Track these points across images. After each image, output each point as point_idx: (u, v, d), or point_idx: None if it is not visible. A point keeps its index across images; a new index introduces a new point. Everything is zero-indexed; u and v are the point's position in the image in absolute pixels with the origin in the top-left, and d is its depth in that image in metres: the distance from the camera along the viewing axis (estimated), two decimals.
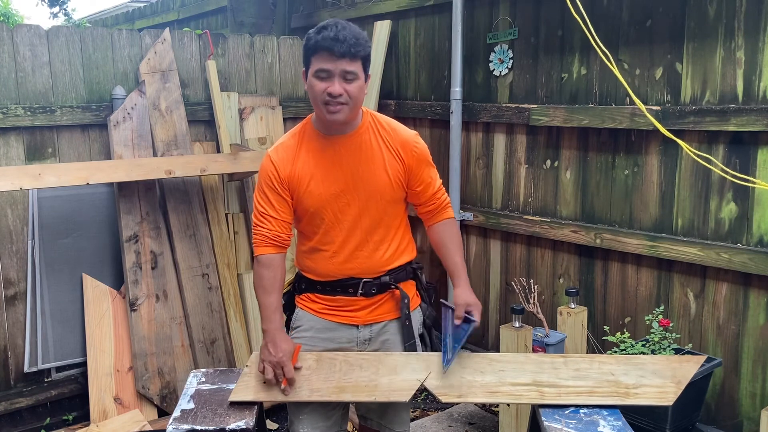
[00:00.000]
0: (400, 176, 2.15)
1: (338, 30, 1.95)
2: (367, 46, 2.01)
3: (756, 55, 2.67)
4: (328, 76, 1.97)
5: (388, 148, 2.14)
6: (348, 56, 1.94)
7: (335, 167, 2.10)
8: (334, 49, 1.93)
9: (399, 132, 2.17)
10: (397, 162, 2.14)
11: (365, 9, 4.35)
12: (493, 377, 2.14)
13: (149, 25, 7.12)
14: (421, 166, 2.18)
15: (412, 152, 2.15)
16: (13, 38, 3.22)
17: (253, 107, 3.91)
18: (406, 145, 2.15)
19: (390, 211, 2.17)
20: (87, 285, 3.38)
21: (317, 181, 2.10)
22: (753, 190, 2.73)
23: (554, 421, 2.00)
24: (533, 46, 3.47)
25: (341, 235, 2.14)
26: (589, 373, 2.15)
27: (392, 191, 2.14)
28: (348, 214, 2.12)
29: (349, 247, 2.15)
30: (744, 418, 2.86)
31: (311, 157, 2.11)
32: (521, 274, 3.66)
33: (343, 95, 1.97)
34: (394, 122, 2.22)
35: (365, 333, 2.21)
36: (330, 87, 1.96)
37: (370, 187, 2.11)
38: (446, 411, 3.53)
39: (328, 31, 1.95)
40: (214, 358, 3.55)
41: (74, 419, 3.45)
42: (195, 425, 2.01)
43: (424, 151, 2.20)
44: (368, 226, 2.14)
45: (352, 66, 1.96)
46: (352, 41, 1.94)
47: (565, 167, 3.41)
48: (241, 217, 3.79)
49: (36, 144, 3.32)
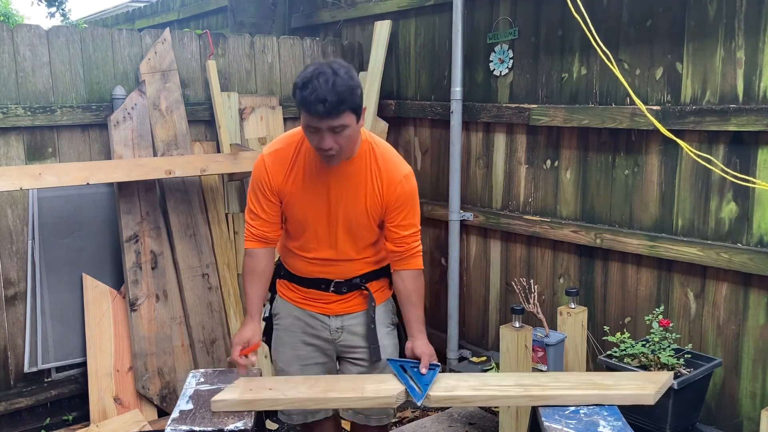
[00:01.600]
0: (377, 211, 2.23)
1: (319, 88, 1.91)
2: (352, 98, 1.96)
3: (756, 55, 2.67)
4: (317, 131, 2.00)
5: (374, 182, 2.19)
6: (332, 116, 1.94)
7: (322, 189, 2.20)
8: (317, 111, 1.93)
9: (389, 169, 2.21)
10: (377, 197, 2.20)
11: (365, 9, 4.35)
12: (477, 381, 2.25)
13: (149, 25, 7.12)
14: (399, 206, 2.22)
15: (394, 192, 2.20)
16: (13, 38, 3.22)
17: (254, 107, 3.91)
18: (391, 184, 2.20)
19: (365, 235, 2.28)
20: (87, 285, 3.38)
21: (303, 199, 2.22)
22: (753, 190, 2.73)
23: (554, 422, 2.00)
24: (533, 45, 3.47)
25: (319, 247, 2.28)
26: (569, 378, 2.26)
27: (367, 221, 2.24)
28: (326, 232, 2.25)
29: (325, 257, 2.29)
30: (744, 418, 2.86)
31: (302, 174, 2.20)
32: (521, 274, 3.66)
33: (333, 147, 2.02)
34: (391, 156, 2.24)
35: (336, 322, 2.37)
36: (320, 142, 2.01)
37: (349, 216, 2.22)
38: (446, 411, 3.53)
39: (309, 90, 1.92)
40: (214, 358, 3.55)
41: (74, 419, 3.45)
42: (193, 426, 2.01)
43: (407, 194, 2.23)
44: (344, 244, 2.27)
45: (338, 121, 1.96)
46: (333, 100, 1.91)
47: (565, 167, 3.41)
48: (241, 217, 3.79)
49: (36, 144, 3.32)
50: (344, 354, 2.41)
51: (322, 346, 2.40)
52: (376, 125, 4.23)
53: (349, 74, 1.97)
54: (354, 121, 2.02)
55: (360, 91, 2.02)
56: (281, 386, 2.20)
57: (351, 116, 1.99)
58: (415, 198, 2.27)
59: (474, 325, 4.00)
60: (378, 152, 2.21)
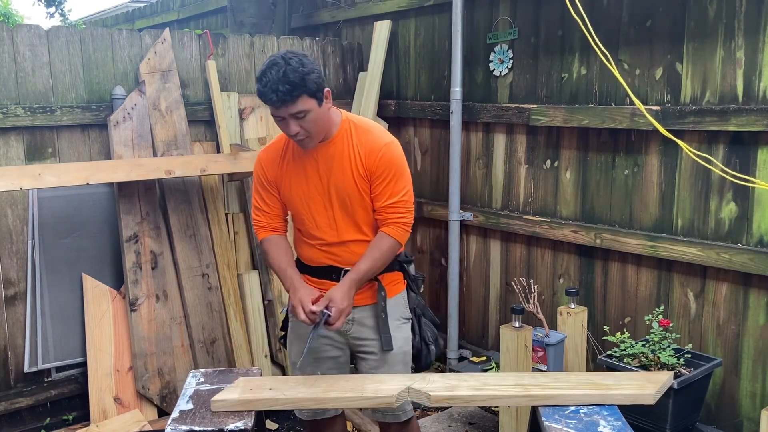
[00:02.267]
0: (365, 182, 2.25)
1: (271, 79, 2.04)
2: (304, 83, 2.05)
3: (756, 55, 2.67)
4: (281, 119, 2.13)
5: (356, 154, 2.24)
6: (287, 103, 2.06)
7: (312, 173, 2.28)
8: (272, 101, 2.07)
9: (369, 140, 2.24)
10: (361, 167, 2.24)
11: (365, 9, 4.35)
12: (477, 381, 2.25)
13: (149, 25, 7.12)
14: (381, 174, 2.23)
15: (374, 161, 2.22)
16: (13, 38, 3.22)
17: (253, 107, 3.91)
18: (371, 153, 2.22)
19: (362, 215, 2.30)
20: (87, 285, 3.38)
21: (297, 186, 2.31)
22: (753, 190, 2.73)
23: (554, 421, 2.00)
24: (533, 46, 3.47)
25: (319, 233, 2.32)
26: (568, 378, 2.26)
27: (360, 197, 2.27)
28: (324, 216, 2.30)
29: (327, 243, 2.33)
30: (744, 418, 2.86)
31: (293, 162, 2.31)
32: (521, 274, 3.66)
33: (300, 132, 2.13)
34: (371, 128, 2.28)
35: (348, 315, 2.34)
36: (286, 128, 2.14)
37: (341, 193, 2.26)
38: (446, 411, 3.53)
39: (262, 82, 2.06)
40: (214, 358, 3.55)
41: (74, 419, 3.45)
42: (194, 426, 2.01)
43: (387, 162, 2.22)
44: (343, 228, 2.31)
45: (296, 107, 2.07)
46: (284, 89, 2.03)
47: (565, 167, 3.41)
48: (241, 217, 3.79)
49: (36, 144, 3.32)
50: (356, 347, 2.42)
51: (335, 338, 2.40)
52: None
53: (300, 62, 2.06)
54: (314, 105, 2.10)
55: (316, 75, 2.09)
56: (281, 386, 2.21)
57: (309, 100, 2.08)
58: (398, 166, 2.25)
59: (474, 325, 4.01)
60: (357, 126, 2.27)
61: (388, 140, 2.25)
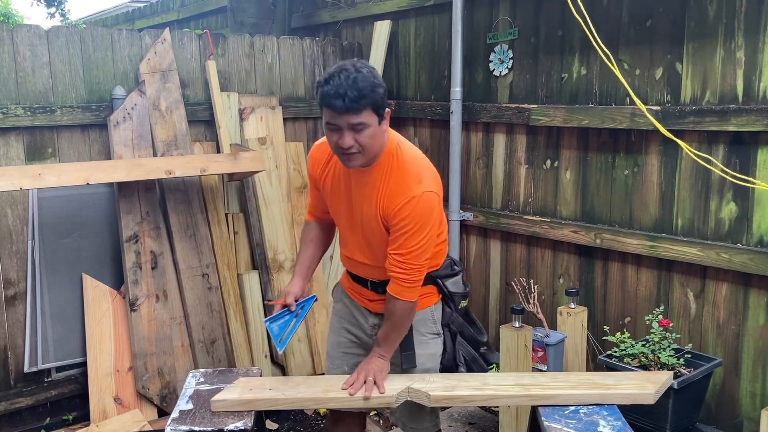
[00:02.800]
0: (387, 223, 2.12)
1: (340, 84, 1.92)
2: (373, 94, 1.96)
3: (756, 55, 2.67)
4: (337, 129, 1.99)
5: (383, 195, 2.09)
6: (351, 111, 1.94)
7: (345, 192, 2.20)
8: (336, 106, 1.93)
9: (398, 186, 2.07)
10: (382, 211, 2.10)
11: (365, 9, 4.35)
12: (477, 381, 2.25)
13: (149, 25, 7.12)
14: (395, 224, 2.07)
15: (393, 210, 2.07)
16: (13, 38, 3.22)
17: (253, 107, 3.91)
18: (392, 202, 2.06)
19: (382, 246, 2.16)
20: (87, 285, 3.38)
21: (333, 197, 2.26)
22: (753, 190, 2.73)
23: (554, 421, 2.00)
24: (533, 46, 3.47)
25: (350, 247, 2.30)
26: (568, 378, 2.25)
27: (383, 235, 2.14)
28: (352, 233, 2.25)
29: (356, 259, 2.30)
30: (744, 418, 2.86)
31: (333, 172, 2.23)
32: (521, 274, 3.66)
33: (353, 146, 1.99)
34: (408, 171, 2.08)
35: (374, 319, 2.34)
36: (340, 140, 2.00)
37: (366, 226, 2.18)
38: (446, 411, 3.53)
39: (330, 85, 1.94)
40: (214, 358, 3.55)
41: (74, 419, 3.45)
42: (193, 426, 2.01)
43: (405, 216, 2.04)
44: (368, 254, 2.24)
45: (358, 118, 1.95)
46: (353, 95, 1.91)
47: (565, 167, 3.41)
48: (241, 217, 3.79)
49: (36, 144, 3.32)
50: None
51: (362, 338, 2.38)
52: None
53: (372, 73, 1.98)
54: (375, 121, 1.99)
55: (383, 90, 2.00)
56: (281, 386, 2.21)
57: (372, 115, 1.98)
58: (419, 222, 2.05)
59: None
60: (398, 164, 2.09)
61: (416, 192, 2.04)
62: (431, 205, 2.07)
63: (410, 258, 2.08)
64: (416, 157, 2.15)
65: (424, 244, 2.08)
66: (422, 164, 2.14)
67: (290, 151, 3.99)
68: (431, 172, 2.14)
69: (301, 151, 4.03)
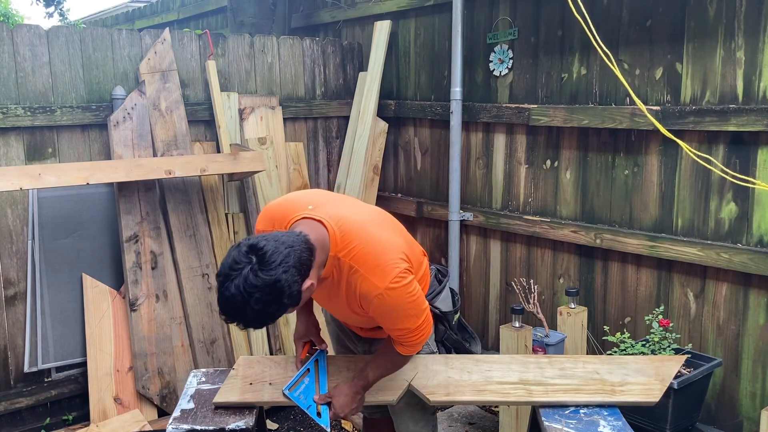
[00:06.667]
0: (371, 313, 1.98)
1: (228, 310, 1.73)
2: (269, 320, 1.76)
3: (756, 55, 2.67)
4: None
5: (353, 294, 1.94)
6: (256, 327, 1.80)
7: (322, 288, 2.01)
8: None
9: (364, 288, 1.88)
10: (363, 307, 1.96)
11: (365, 9, 4.35)
12: (479, 376, 2.20)
13: (149, 25, 7.12)
14: (381, 317, 1.95)
15: (370, 306, 1.90)
16: (13, 38, 3.22)
17: (253, 107, 3.91)
18: (365, 300, 1.90)
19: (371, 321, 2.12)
20: (87, 285, 3.38)
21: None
22: (753, 190, 2.73)
23: (554, 421, 2.00)
24: (533, 46, 3.47)
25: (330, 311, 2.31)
26: (574, 372, 2.21)
27: (367, 317, 2.02)
28: (334, 310, 2.23)
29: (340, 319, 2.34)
30: (744, 418, 2.86)
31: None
32: (521, 274, 3.66)
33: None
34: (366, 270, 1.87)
35: (365, 346, 2.38)
36: None
37: (345, 311, 2.06)
38: (446, 411, 3.53)
39: (221, 302, 1.74)
40: (214, 358, 3.55)
41: (74, 419, 3.45)
42: (195, 425, 2.02)
43: (386, 307, 1.88)
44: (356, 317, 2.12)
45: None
46: (234, 319, 1.74)
47: (565, 167, 3.41)
48: (241, 217, 3.79)
49: (36, 144, 3.32)
50: None
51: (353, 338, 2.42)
52: (376, 125, 4.23)
53: (261, 300, 1.69)
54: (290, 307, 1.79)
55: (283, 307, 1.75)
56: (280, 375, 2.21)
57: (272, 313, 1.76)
58: (400, 311, 1.90)
59: (474, 324, 4.00)
60: (349, 268, 1.90)
61: (383, 286, 1.84)
62: (404, 293, 1.88)
63: (409, 336, 1.98)
64: (366, 245, 1.90)
65: (416, 322, 1.95)
66: (372, 252, 1.90)
67: (290, 151, 3.99)
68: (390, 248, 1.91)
69: (301, 151, 4.03)
